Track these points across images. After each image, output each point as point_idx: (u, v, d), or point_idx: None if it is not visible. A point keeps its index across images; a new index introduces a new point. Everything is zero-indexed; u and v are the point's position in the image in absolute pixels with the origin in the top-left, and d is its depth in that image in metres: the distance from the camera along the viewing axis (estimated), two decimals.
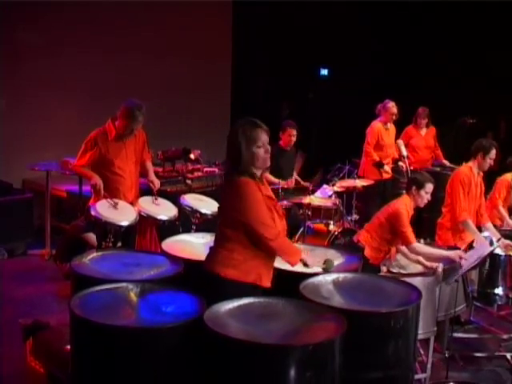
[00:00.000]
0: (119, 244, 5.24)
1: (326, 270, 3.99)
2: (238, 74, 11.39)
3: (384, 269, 5.08)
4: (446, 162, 8.71)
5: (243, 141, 3.58)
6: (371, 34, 11.29)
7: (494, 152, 6.02)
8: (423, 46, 10.71)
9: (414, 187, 5.23)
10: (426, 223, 8.28)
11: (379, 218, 5.32)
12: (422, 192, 5.20)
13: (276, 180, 6.86)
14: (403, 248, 5.13)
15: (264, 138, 3.67)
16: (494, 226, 6.40)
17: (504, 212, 6.69)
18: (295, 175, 7.67)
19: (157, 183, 5.87)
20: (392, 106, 7.98)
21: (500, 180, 6.77)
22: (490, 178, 6.90)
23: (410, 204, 5.25)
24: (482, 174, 6.12)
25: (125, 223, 5.11)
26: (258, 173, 3.69)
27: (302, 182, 7.60)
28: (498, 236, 5.75)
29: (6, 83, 8.18)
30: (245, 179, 3.59)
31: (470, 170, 6.01)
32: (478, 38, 10.09)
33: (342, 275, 4.01)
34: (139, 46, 9.40)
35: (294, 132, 7.38)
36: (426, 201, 5.27)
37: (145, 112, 5.49)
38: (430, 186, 5.24)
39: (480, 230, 6.05)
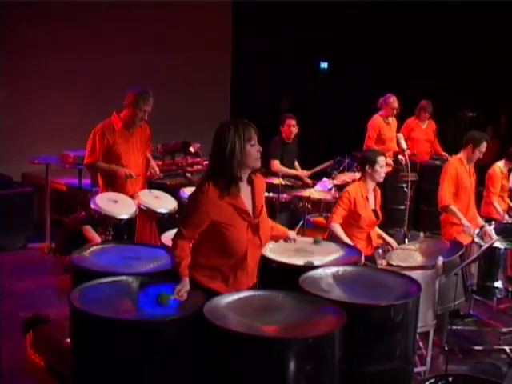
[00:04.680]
0: (125, 237, 5.24)
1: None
2: (237, 67, 11.38)
3: (384, 262, 5.08)
4: (446, 154, 8.74)
5: (237, 140, 3.43)
6: (371, 26, 11.27)
7: (484, 145, 6.02)
8: (423, 39, 10.68)
9: (367, 166, 5.24)
10: (424, 216, 8.32)
11: None
12: (377, 167, 5.21)
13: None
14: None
15: (256, 137, 3.52)
16: (494, 219, 6.43)
17: (499, 207, 6.72)
18: (298, 167, 7.69)
19: (158, 170, 5.97)
20: (393, 101, 8.00)
21: (490, 173, 6.80)
22: (486, 170, 6.94)
23: (364, 186, 5.26)
24: (472, 164, 6.13)
25: (124, 216, 5.11)
26: (246, 174, 3.56)
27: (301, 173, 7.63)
28: (482, 223, 5.93)
29: (6, 77, 8.17)
30: (204, 187, 3.47)
31: (461, 163, 6.02)
32: (479, 35, 10.07)
33: (341, 268, 4.02)
34: (139, 40, 9.39)
35: (293, 122, 7.40)
36: (383, 174, 5.28)
37: (153, 96, 5.51)
38: (382, 159, 5.26)
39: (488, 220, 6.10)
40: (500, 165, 6.79)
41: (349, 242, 5.02)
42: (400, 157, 7.74)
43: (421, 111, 8.74)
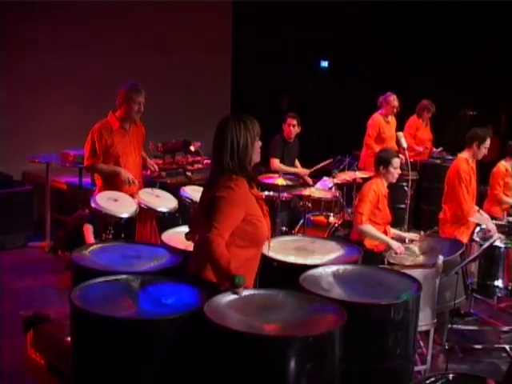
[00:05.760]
0: (122, 236, 5.22)
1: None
2: (237, 67, 11.38)
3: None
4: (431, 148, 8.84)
5: (249, 136, 3.52)
6: (371, 25, 11.27)
7: (489, 141, 6.06)
8: (423, 39, 10.69)
9: (381, 167, 5.32)
10: (425, 215, 8.32)
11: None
12: (391, 168, 5.30)
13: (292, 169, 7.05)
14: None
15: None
16: (495, 218, 6.43)
17: (509, 199, 6.76)
18: (298, 165, 7.69)
19: (156, 167, 6.03)
20: (393, 99, 7.99)
21: (495, 172, 6.82)
22: (487, 168, 6.95)
23: (382, 184, 5.32)
24: (474, 161, 6.15)
25: (125, 215, 5.10)
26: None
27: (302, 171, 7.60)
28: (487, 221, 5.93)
29: (6, 75, 8.17)
30: (237, 182, 3.50)
31: (467, 163, 6.02)
32: (479, 35, 10.08)
33: (342, 267, 4.02)
34: (139, 40, 9.39)
35: (294, 122, 7.42)
36: (396, 175, 5.37)
37: (142, 89, 5.51)
38: (396, 161, 5.35)
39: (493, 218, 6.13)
40: (504, 163, 6.82)
41: (386, 238, 5.14)
42: (400, 155, 7.74)
43: (424, 111, 8.73)
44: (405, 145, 6.16)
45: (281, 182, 6.68)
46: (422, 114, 8.77)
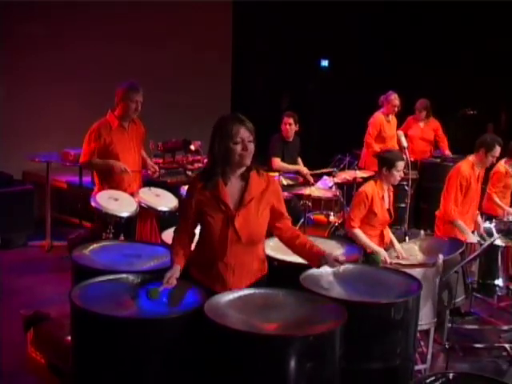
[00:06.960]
0: (122, 237, 5.21)
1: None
2: (238, 66, 11.38)
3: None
4: (449, 153, 8.74)
5: (217, 136, 3.46)
6: (371, 24, 11.27)
7: (497, 149, 5.89)
8: (423, 37, 10.69)
9: (384, 168, 5.16)
10: (424, 214, 8.32)
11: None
12: (394, 171, 5.13)
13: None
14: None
15: (244, 134, 3.43)
16: (495, 216, 6.43)
17: (500, 202, 6.74)
18: (300, 163, 7.69)
19: (157, 168, 6.04)
20: (394, 98, 7.99)
21: (494, 172, 6.80)
22: (487, 168, 6.94)
23: (380, 186, 5.20)
24: (483, 168, 6.08)
25: (125, 214, 5.11)
26: (234, 171, 3.53)
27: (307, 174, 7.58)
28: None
29: (6, 74, 8.17)
30: (193, 178, 3.66)
31: (471, 168, 5.92)
32: (479, 35, 10.08)
33: (342, 266, 4.01)
34: (140, 37, 9.39)
35: (290, 120, 7.41)
36: (398, 178, 5.20)
37: (141, 88, 5.52)
38: (401, 164, 5.16)
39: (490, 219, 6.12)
40: (503, 163, 6.78)
41: (374, 246, 5.02)
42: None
43: (416, 110, 8.77)
44: (405, 144, 6.14)
45: (281, 181, 6.68)
46: (415, 114, 8.80)
